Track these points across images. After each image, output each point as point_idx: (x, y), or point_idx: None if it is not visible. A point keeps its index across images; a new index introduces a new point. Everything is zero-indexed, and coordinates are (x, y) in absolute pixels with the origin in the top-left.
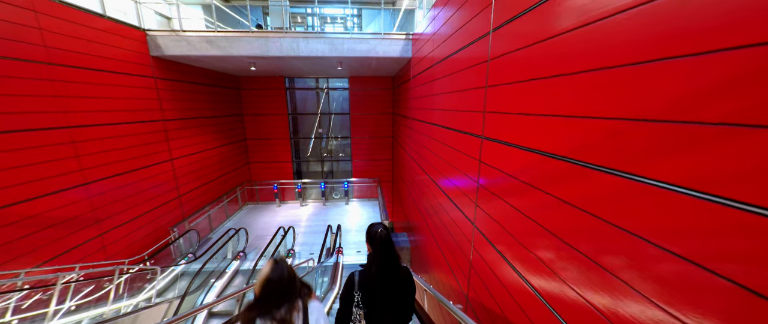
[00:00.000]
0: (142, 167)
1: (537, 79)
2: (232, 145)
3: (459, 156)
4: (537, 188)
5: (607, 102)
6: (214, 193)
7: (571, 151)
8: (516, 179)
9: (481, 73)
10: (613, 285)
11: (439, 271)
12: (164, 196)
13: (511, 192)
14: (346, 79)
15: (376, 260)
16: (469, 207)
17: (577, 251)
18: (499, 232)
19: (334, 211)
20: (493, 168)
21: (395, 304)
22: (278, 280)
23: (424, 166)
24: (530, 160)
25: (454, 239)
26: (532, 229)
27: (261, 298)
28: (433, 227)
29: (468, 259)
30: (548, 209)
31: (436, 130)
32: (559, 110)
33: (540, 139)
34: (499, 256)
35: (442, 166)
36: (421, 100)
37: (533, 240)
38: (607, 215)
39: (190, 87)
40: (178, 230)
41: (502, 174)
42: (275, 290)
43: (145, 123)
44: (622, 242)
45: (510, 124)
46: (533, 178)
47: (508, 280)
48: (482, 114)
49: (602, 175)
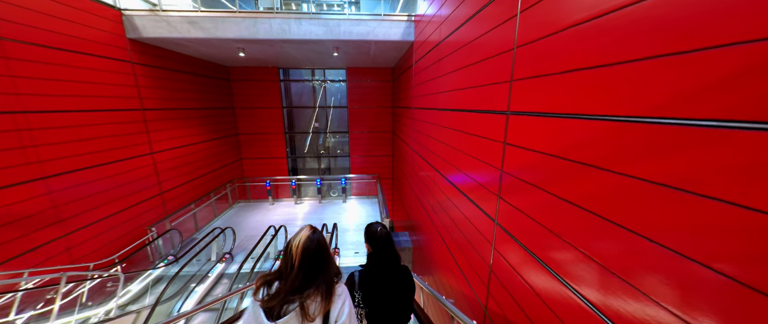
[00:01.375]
0: (116, 160)
1: (606, 14)
2: (222, 139)
3: (474, 141)
4: (605, 170)
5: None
6: (201, 190)
7: (668, 108)
8: (566, 160)
9: (506, 33)
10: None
11: (447, 275)
12: (144, 193)
13: (557, 178)
14: (343, 71)
15: (376, 259)
16: (489, 201)
17: (680, 255)
18: (536, 230)
19: (330, 209)
20: (526, 150)
21: (395, 304)
22: (316, 250)
23: (430, 159)
24: (592, 131)
25: (467, 239)
26: (593, 226)
27: (300, 268)
28: (441, 226)
29: (487, 263)
30: (622, 198)
31: (444, 116)
32: (646, 50)
33: (609, 98)
34: (535, 260)
35: (451, 156)
36: (426, 86)
37: (594, 240)
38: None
39: (174, 75)
40: (156, 230)
41: (541, 156)
42: (313, 263)
43: (121, 112)
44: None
45: (554, 88)
46: (597, 156)
47: (548, 290)
48: (508, 84)
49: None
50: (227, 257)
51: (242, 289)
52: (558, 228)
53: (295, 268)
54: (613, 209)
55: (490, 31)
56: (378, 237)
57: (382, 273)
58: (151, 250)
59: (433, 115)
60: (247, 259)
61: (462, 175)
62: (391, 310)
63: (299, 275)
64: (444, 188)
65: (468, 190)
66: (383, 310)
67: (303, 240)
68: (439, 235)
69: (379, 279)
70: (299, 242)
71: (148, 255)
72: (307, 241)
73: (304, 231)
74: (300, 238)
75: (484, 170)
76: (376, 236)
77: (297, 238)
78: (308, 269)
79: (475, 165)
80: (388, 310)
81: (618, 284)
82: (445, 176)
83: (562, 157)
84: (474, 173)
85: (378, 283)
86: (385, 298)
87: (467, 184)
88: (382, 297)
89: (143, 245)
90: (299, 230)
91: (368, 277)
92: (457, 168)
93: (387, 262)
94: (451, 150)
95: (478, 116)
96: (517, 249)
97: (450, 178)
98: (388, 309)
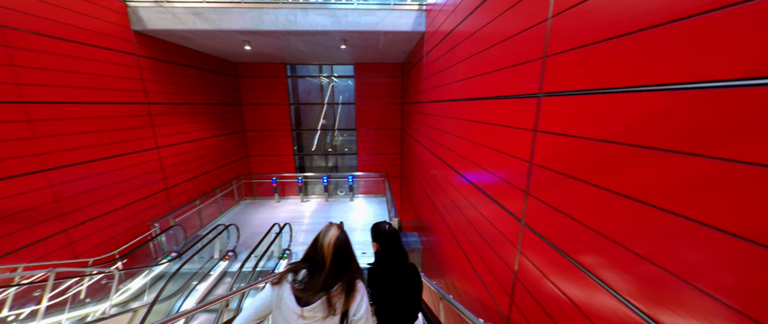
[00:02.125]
0: (119, 154)
1: None
2: (229, 135)
3: (495, 132)
4: (687, 154)
5: None
6: (207, 186)
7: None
8: (625, 145)
9: (537, 3)
10: None
11: (461, 280)
12: (149, 188)
13: (610, 168)
14: (351, 67)
15: (385, 257)
16: (514, 198)
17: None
18: (577, 232)
19: (337, 208)
20: (564, 136)
21: (404, 300)
22: (344, 249)
23: (442, 154)
24: (668, 104)
25: (486, 241)
26: (669, 228)
27: (332, 267)
28: (454, 226)
29: (510, 268)
30: (713, 190)
31: (458, 107)
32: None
33: (696, 60)
34: (575, 268)
35: (467, 150)
36: (438, 77)
37: (671, 246)
38: None
39: (181, 70)
40: (159, 226)
41: (586, 143)
42: (343, 262)
43: (125, 105)
44: None
45: (607, 58)
46: (676, 137)
47: (596, 306)
48: (540, 61)
49: None
50: (230, 255)
51: (244, 289)
52: (611, 229)
53: (327, 267)
54: (700, 205)
55: (516, 5)
56: (386, 235)
57: (390, 270)
58: (153, 247)
59: (446, 107)
60: (249, 257)
61: (480, 171)
62: (400, 306)
63: (331, 273)
64: (458, 186)
65: (487, 186)
66: (392, 306)
67: (334, 240)
68: (452, 237)
69: (388, 276)
70: (330, 242)
71: (150, 252)
72: (338, 241)
73: (333, 230)
74: (330, 237)
75: (507, 164)
76: (384, 234)
77: (328, 237)
78: (338, 267)
79: (496, 158)
80: (397, 306)
81: (709, 305)
82: (459, 172)
83: (619, 141)
84: (495, 168)
85: (387, 280)
86: (393, 294)
87: (486, 180)
88: (390, 294)
89: (145, 241)
90: (326, 228)
91: (377, 275)
92: (474, 163)
93: (395, 260)
94: (466, 144)
95: (500, 104)
96: (550, 253)
97: (465, 175)
98: (396, 305)
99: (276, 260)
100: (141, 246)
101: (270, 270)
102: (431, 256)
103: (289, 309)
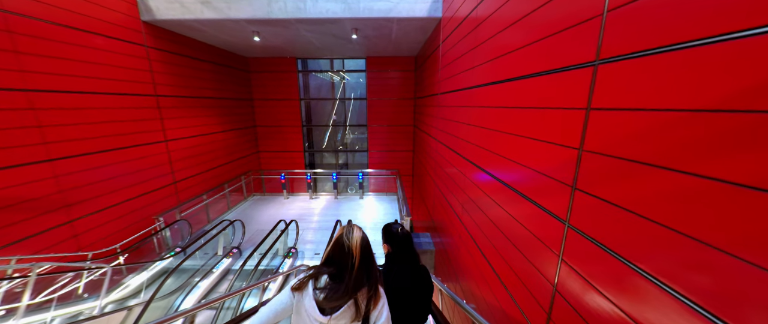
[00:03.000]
0: (126, 146)
1: None
2: (239, 130)
3: (531, 117)
4: None
5: None
6: (216, 181)
7: None
8: (738, 112)
9: None
10: None
11: (481, 287)
12: (156, 181)
13: (709, 149)
14: (363, 61)
15: (396, 259)
16: (556, 194)
17: None
18: (652, 234)
19: (346, 206)
20: (635, 111)
21: (414, 303)
22: (369, 248)
23: (460, 148)
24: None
25: (514, 246)
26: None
27: (361, 266)
28: (474, 227)
29: (548, 279)
30: None
31: (482, 93)
32: None
33: None
34: (647, 280)
35: (490, 141)
36: (457, 63)
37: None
38: None
39: (191, 62)
40: (164, 220)
41: (672, 117)
42: (369, 261)
43: (133, 96)
44: None
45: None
46: None
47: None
48: (598, 18)
49: None
50: (235, 252)
51: (245, 289)
52: (714, 233)
53: (356, 267)
54: None
55: None
56: (398, 237)
57: (401, 272)
58: (157, 242)
59: (466, 96)
60: (252, 254)
61: (508, 164)
62: (410, 309)
63: (360, 274)
64: (480, 182)
65: (518, 182)
66: (401, 309)
67: (360, 240)
68: (472, 239)
69: (399, 278)
70: (357, 242)
71: (154, 247)
72: (364, 241)
73: (356, 230)
74: (356, 237)
75: (546, 153)
76: (396, 236)
77: (353, 236)
78: (366, 268)
79: (530, 148)
80: (407, 309)
81: None
82: (481, 168)
83: (733, 108)
84: (529, 159)
85: (397, 282)
86: (403, 297)
87: (517, 174)
88: (400, 296)
89: (148, 236)
90: (349, 228)
91: (387, 277)
92: (501, 155)
93: (407, 262)
94: (491, 134)
95: (538, 82)
96: (608, 262)
97: (489, 170)
98: (406, 308)
99: (281, 258)
100: (144, 241)
101: (274, 268)
102: (445, 258)
103: (310, 317)
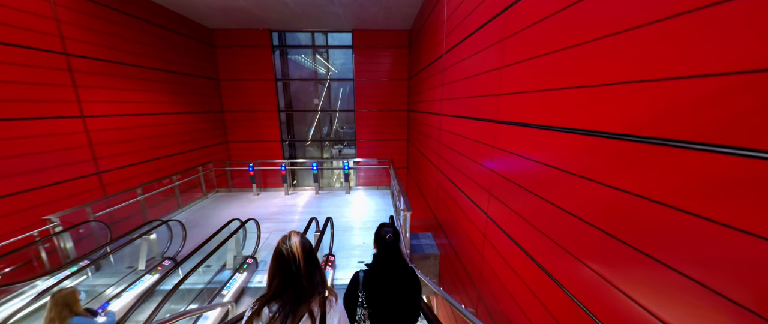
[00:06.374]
0: (12, 118)
1: None
2: (200, 115)
3: None
4: None
5: None
6: (165, 173)
7: None
8: None
9: None
10: None
11: (519, 302)
12: (66, 170)
13: None
14: (348, 35)
15: (382, 260)
16: None
17: None
18: None
19: (329, 202)
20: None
21: (401, 304)
22: (311, 249)
23: (486, 109)
24: None
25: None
26: None
27: (306, 266)
28: (510, 221)
29: None
30: None
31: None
32: None
33: None
34: None
35: (532, 105)
36: (471, 18)
37: None
38: None
39: (126, 20)
40: (60, 222)
41: None
42: (313, 263)
43: (22, 49)
44: None
45: None
46: None
47: None
48: None
49: None
50: (167, 263)
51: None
52: None
53: (303, 267)
54: None
55: None
56: (384, 243)
57: (386, 274)
58: (45, 251)
59: (492, 29)
60: (177, 266)
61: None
62: (396, 311)
63: (307, 273)
64: (539, 144)
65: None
66: (387, 310)
67: (299, 241)
68: (490, 242)
69: (384, 280)
70: (296, 243)
71: (43, 260)
72: (304, 244)
73: (293, 235)
74: (294, 241)
75: None
76: (383, 242)
77: (291, 242)
78: (311, 268)
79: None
80: (393, 310)
81: None
82: (531, 124)
83: None
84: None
85: (382, 283)
86: (389, 298)
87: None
88: (386, 297)
89: (29, 243)
90: (284, 238)
91: (372, 278)
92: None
93: (391, 262)
94: (530, 98)
95: None
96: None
97: (553, 124)
98: (392, 310)
99: (231, 272)
100: (19, 249)
101: (218, 286)
102: (454, 264)
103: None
